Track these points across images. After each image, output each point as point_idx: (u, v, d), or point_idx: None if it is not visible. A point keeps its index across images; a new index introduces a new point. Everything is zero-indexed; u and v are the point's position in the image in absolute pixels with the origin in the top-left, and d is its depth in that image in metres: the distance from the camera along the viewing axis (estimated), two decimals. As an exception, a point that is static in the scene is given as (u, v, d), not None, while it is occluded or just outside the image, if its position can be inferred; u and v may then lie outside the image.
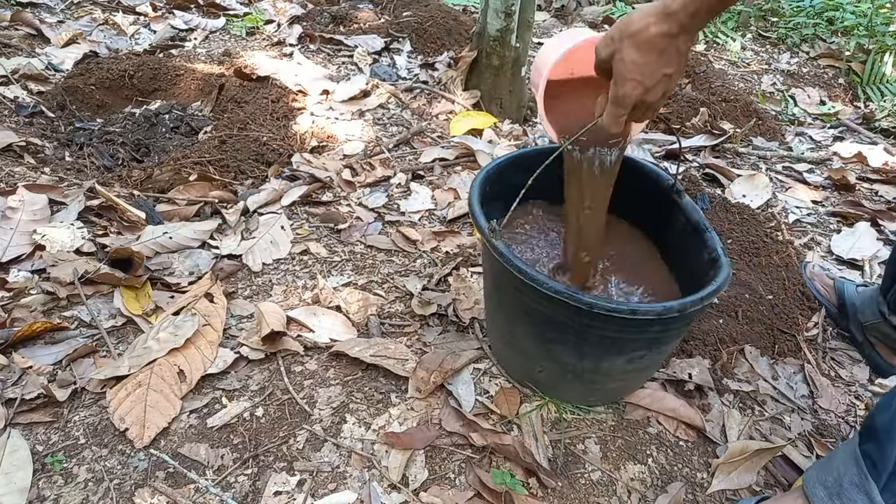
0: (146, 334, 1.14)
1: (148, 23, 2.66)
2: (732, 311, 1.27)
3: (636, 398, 1.08)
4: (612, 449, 1.02)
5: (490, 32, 2.11)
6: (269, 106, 1.95)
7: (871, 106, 2.73)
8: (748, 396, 1.13)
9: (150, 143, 1.86)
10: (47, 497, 0.88)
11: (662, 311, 0.82)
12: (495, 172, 1.09)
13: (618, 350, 0.91)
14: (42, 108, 1.91)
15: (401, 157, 1.89)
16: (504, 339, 1.07)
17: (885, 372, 1.22)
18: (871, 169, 2.04)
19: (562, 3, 3.90)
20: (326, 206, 1.62)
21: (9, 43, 2.19)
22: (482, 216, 0.95)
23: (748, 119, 2.26)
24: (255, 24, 2.75)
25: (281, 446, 0.98)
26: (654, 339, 0.90)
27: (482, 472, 0.94)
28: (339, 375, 1.11)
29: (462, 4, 3.41)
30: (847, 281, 1.36)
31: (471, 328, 1.22)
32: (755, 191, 1.81)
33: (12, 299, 1.19)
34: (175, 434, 0.99)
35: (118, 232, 1.41)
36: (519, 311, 0.97)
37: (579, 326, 0.88)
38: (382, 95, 2.20)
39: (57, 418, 1.00)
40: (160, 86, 2.12)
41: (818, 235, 1.65)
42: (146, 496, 0.89)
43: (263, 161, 1.75)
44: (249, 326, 1.21)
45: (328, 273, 1.38)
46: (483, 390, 1.10)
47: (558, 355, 0.96)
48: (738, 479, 0.98)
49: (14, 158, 1.63)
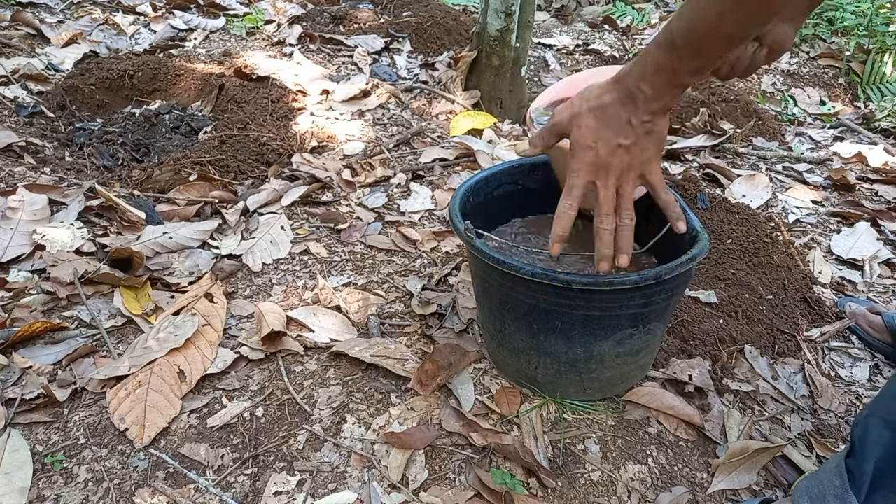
0: (146, 334, 1.14)
1: (148, 23, 2.66)
2: (732, 311, 1.27)
3: (635, 396, 1.08)
4: (612, 449, 1.02)
5: (490, 32, 2.11)
6: (269, 106, 1.95)
7: (871, 106, 2.73)
8: (748, 396, 1.13)
9: (150, 143, 1.87)
10: (47, 497, 0.88)
11: (639, 279, 0.84)
12: (475, 186, 1.13)
13: (604, 330, 0.94)
14: (42, 108, 1.91)
15: (401, 157, 1.89)
16: (496, 340, 1.08)
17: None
18: (871, 169, 2.04)
19: (562, 3, 3.90)
20: (326, 206, 1.62)
21: (9, 43, 2.19)
22: (459, 218, 0.99)
23: (748, 119, 2.26)
24: (255, 24, 2.75)
25: (281, 446, 0.98)
26: (637, 314, 0.92)
27: (482, 472, 0.94)
28: (339, 375, 1.11)
29: (462, 4, 3.41)
30: (894, 313, 1.25)
31: (470, 329, 1.22)
32: (755, 191, 1.81)
33: (12, 299, 1.19)
34: (175, 434, 0.99)
35: (118, 232, 1.41)
36: (505, 308, 0.99)
37: (562, 309, 0.91)
38: (382, 95, 2.20)
39: (57, 418, 1.00)
40: (160, 86, 2.12)
41: (818, 235, 1.65)
42: (146, 496, 0.89)
43: (263, 161, 1.75)
44: (249, 326, 1.21)
45: (328, 273, 1.38)
46: (483, 389, 1.10)
47: (549, 346, 0.98)
48: (738, 479, 0.98)
49: (14, 158, 1.64)
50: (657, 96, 0.72)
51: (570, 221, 0.82)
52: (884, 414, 0.76)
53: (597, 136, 0.76)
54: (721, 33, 0.64)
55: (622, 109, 0.74)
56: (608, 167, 0.77)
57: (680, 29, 0.67)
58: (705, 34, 0.65)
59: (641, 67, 0.71)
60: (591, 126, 0.76)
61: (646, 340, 0.99)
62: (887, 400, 0.77)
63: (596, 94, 0.77)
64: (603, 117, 0.76)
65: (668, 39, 0.68)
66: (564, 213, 0.82)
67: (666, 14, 3.81)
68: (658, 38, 0.70)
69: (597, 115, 0.76)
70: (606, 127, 0.76)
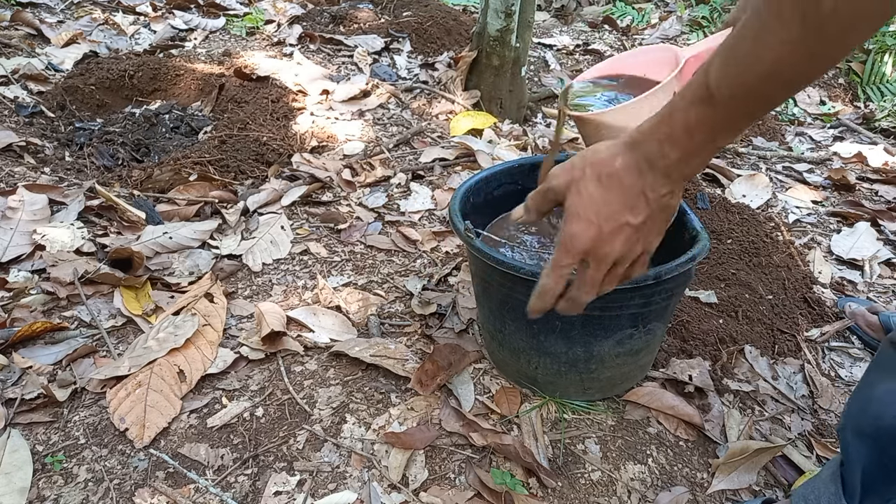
0: (146, 334, 1.14)
1: (148, 23, 2.66)
2: (732, 311, 1.27)
3: (635, 396, 1.08)
4: (612, 449, 1.02)
5: (490, 32, 2.11)
6: (269, 106, 1.95)
7: (871, 106, 2.73)
8: (748, 396, 1.13)
9: (150, 143, 1.87)
10: (47, 497, 0.88)
11: (639, 279, 0.83)
12: (475, 186, 1.13)
13: (604, 330, 0.94)
14: (42, 108, 1.91)
15: (401, 157, 1.89)
16: (496, 340, 1.08)
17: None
18: (871, 169, 2.04)
19: (562, 2, 3.90)
20: (326, 206, 1.62)
21: (9, 43, 2.19)
22: (459, 218, 0.98)
23: (748, 119, 2.26)
24: (255, 24, 2.75)
25: (281, 446, 0.98)
26: (637, 314, 0.92)
27: (482, 472, 0.94)
28: (339, 375, 1.11)
29: (462, 4, 3.41)
30: (891, 313, 1.26)
31: (470, 329, 1.22)
32: (755, 191, 1.81)
33: (12, 299, 1.19)
34: (175, 434, 0.99)
35: (118, 232, 1.41)
36: (505, 308, 0.99)
37: None
38: (382, 95, 2.20)
39: (57, 418, 1.00)
40: (160, 86, 2.12)
41: (818, 235, 1.65)
42: (146, 496, 0.89)
43: (263, 161, 1.75)
44: (249, 326, 1.21)
45: (328, 273, 1.38)
46: (483, 389, 1.10)
47: (549, 346, 0.98)
48: (739, 479, 0.98)
49: (14, 158, 1.64)
50: (685, 161, 0.58)
51: (552, 300, 0.71)
52: (854, 426, 0.76)
53: (600, 210, 0.61)
54: (781, 80, 0.49)
55: (637, 178, 0.60)
56: (608, 249, 0.63)
57: (723, 79, 0.52)
58: (759, 84, 0.50)
59: (666, 126, 0.57)
60: (594, 196, 0.62)
61: (646, 340, 0.99)
62: (855, 411, 0.77)
63: (605, 157, 0.62)
64: (611, 186, 0.61)
65: (704, 93, 0.53)
66: (548, 290, 0.69)
67: (666, 14, 3.81)
68: (687, 91, 0.55)
69: (604, 184, 0.61)
70: (615, 199, 0.61)
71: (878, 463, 0.72)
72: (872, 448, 0.72)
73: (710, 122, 0.54)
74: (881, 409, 0.71)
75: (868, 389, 0.75)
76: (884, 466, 0.71)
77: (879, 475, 0.73)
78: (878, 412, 0.71)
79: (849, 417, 0.77)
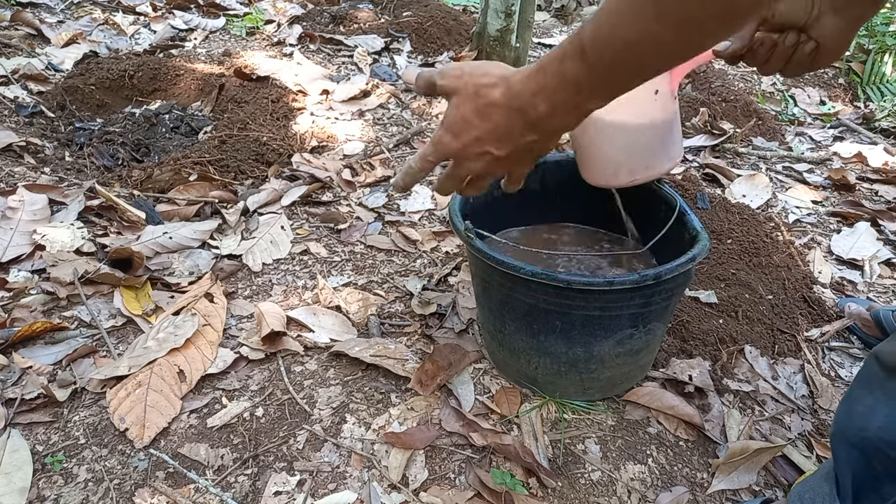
0: (146, 334, 1.14)
1: (148, 23, 2.66)
2: (732, 311, 1.27)
3: (635, 396, 1.08)
4: (612, 449, 1.02)
5: (490, 32, 2.11)
6: (269, 106, 1.95)
7: (871, 106, 2.73)
8: (748, 396, 1.13)
9: (150, 143, 1.86)
10: (47, 497, 0.88)
11: (639, 279, 0.84)
12: None
13: (604, 331, 0.94)
14: (42, 108, 1.91)
15: (401, 157, 1.89)
16: (496, 340, 1.08)
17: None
18: (871, 169, 2.04)
19: (562, 3, 3.90)
20: (326, 206, 1.62)
21: (9, 43, 2.19)
22: (459, 218, 0.99)
23: (748, 119, 2.26)
24: (255, 24, 2.75)
25: (281, 446, 0.98)
26: (637, 314, 0.92)
27: (482, 472, 0.94)
28: (339, 375, 1.11)
29: (462, 4, 3.41)
30: (882, 308, 1.27)
31: (470, 329, 1.22)
32: (755, 191, 1.81)
33: (12, 299, 1.19)
34: (175, 434, 0.99)
35: (118, 232, 1.41)
36: (505, 308, 0.99)
37: (562, 309, 0.91)
38: (382, 95, 2.20)
39: (57, 418, 1.00)
40: (160, 86, 2.12)
41: (818, 235, 1.65)
42: (146, 496, 0.89)
43: (263, 161, 1.75)
44: (249, 326, 1.21)
45: (328, 273, 1.38)
46: (483, 389, 1.10)
47: (549, 346, 0.98)
48: (739, 479, 0.98)
49: (14, 158, 1.64)
50: (552, 115, 0.58)
51: (414, 179, 0.72)
52: (843, 434, 0.76)
53: (469, 132, 0.63)
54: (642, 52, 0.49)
55: (506, 120, 0.61)
56: (469, 165, 0.67)
57: (596, 40, 0.51)
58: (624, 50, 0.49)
59: (541, 76, 0.57)
60: (466, 118, 0.63)
61: (646, 340, 0.99)
62: (843, 419, 0.77)
63: (486, 83, 0.62)
64: (483, 117, 0.62)
65: (578, 48, 0.53)
66: (412, 173, 0.71)
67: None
68: (565, 43, 0.54)
69: (479, 111, 0.62)
70: (483, 129, 0.63)
71: (867, 468, 0.73)
72: (860, 457, 0.74)
73: (581, 78, 0.54)
74: (864, 423, 0.72)
75: (852, 403, 0.76)
76: (872, 470, 0.73)
77: (868, 480, 0.74)
78: (862, 425, 0.73)
79: (838, 423, 0.78)
